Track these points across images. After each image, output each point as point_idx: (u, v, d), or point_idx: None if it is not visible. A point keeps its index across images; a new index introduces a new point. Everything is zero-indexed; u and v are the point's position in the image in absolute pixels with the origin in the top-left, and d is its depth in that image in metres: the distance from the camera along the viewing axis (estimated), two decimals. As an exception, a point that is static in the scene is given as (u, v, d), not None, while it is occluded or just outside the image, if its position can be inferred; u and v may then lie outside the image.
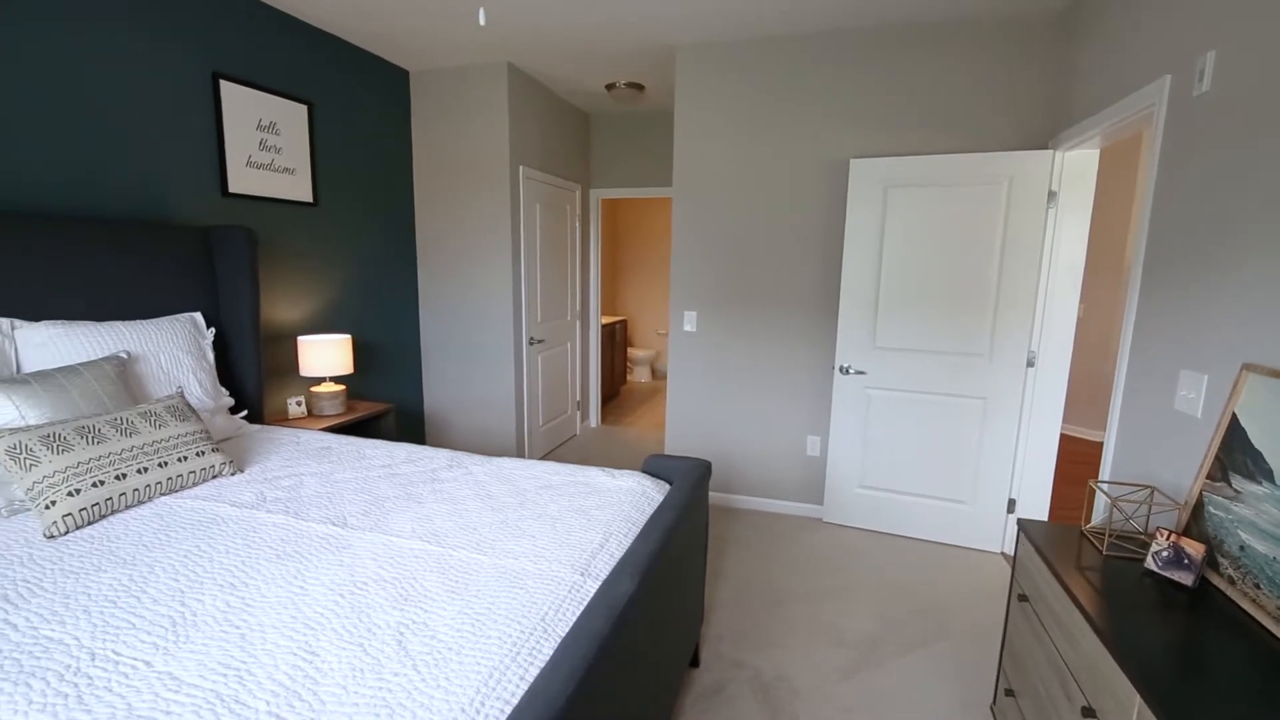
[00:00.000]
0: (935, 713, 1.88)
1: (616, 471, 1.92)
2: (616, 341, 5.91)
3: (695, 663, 2.07)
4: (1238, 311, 1.44)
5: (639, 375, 6.98)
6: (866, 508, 3.17)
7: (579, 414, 4.86)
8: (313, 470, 1.92)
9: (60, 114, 2.06)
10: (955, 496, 3.00)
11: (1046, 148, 2.72)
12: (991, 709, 1.86)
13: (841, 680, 2.02)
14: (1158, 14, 1.88)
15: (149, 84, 2.31)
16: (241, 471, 1.89)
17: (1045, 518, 2.92)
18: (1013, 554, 2.92)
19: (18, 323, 1.83)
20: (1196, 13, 1.68)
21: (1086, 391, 4.81)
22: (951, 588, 2.63)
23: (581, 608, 1.22)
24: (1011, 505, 2.93)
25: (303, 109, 2.94)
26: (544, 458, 4.23)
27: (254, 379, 2.53)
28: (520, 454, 3.96)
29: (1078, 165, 2.62)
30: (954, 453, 2.97)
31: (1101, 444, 4.65)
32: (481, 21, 1.44)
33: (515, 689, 0.98)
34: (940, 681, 2.02)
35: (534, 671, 1.03)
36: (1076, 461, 4.31)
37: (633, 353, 6.87)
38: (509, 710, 0.93)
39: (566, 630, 1.14)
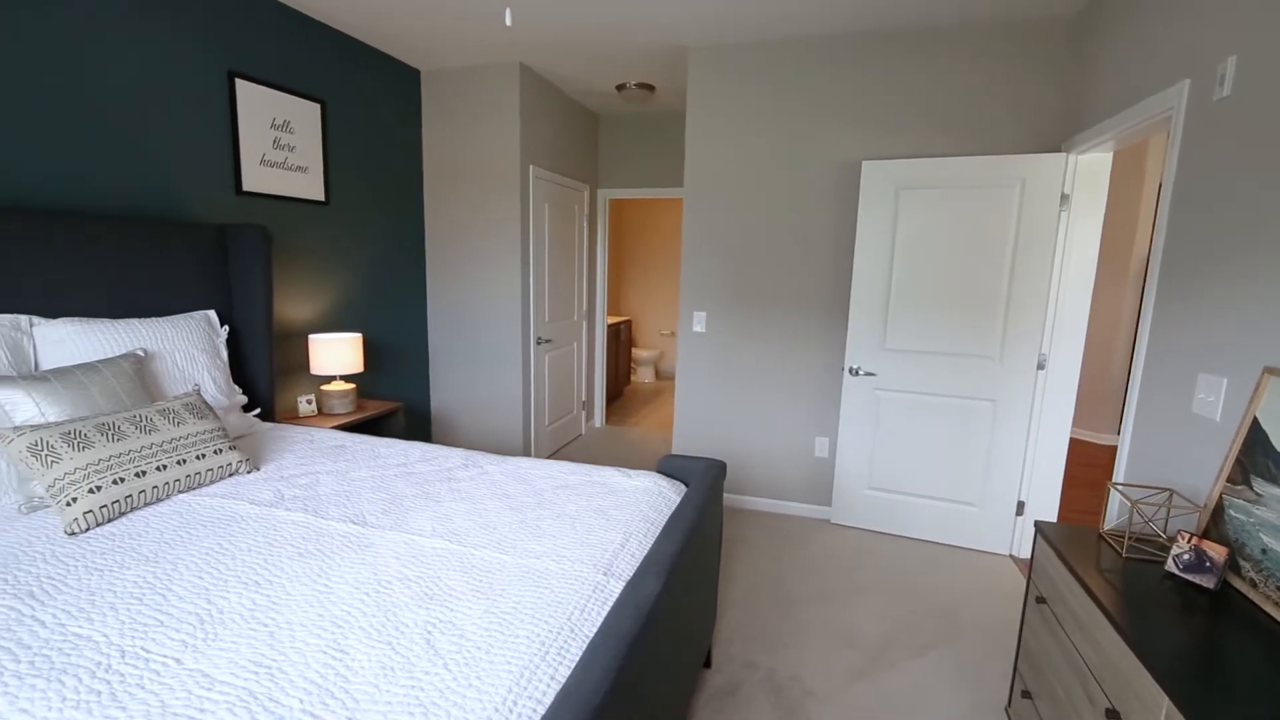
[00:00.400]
0: (949, 715, 1.88)
1: (632, 471, 1.92)
2: (621, 342, 5.91)
3: (708, 663, 2.07)
4: (1258, 315, 1.44)
5: (643, 376, 6.98)
6: (875, 509, 3.17)
7: (584, 414, 4.86)
8: (328, 468, 1.92)
9: (77, 112, 2.06)
10: (964, 499, 3.00)
11: (1059, 150, 2.72)
12: (1006, 711, 1.86)
13: (854, 681, 2.02)
14: (1176, 19, 1.88)
15: (166, 82, 2.31)
16: (258, 469, 1.89)
17: (1054, 520, 2.92)
18: (1022, 556, 2.93)
19: (35, 320, 1.84)
20: (1217, 18, 1.68)
21: (1089, 393, 4.81)
22: (961, 590, 2.63)
23: (606, 607, 1.22)
24: (1020, 508, 2.93)
25: (315, 108, 2.94)
26: (550, 457, 4.22)
27: (266, 377, 2.53)
28: (527, 453, 3.96)
29: (1090, 168, 2.62)
30: (963, 455, 2.97)
31: (1103, 446, 4.70)
32: (508, 22, 1.44)
33: (546, 688, 0.98)
34: (953, 683, 2.03)
35: (564, 671, 1.03)
36: (1079, 464, 4.31)
37: (637, 353, 6.87)
38: (542, 710, 0.93)
39: (594, 630, 1.14)
